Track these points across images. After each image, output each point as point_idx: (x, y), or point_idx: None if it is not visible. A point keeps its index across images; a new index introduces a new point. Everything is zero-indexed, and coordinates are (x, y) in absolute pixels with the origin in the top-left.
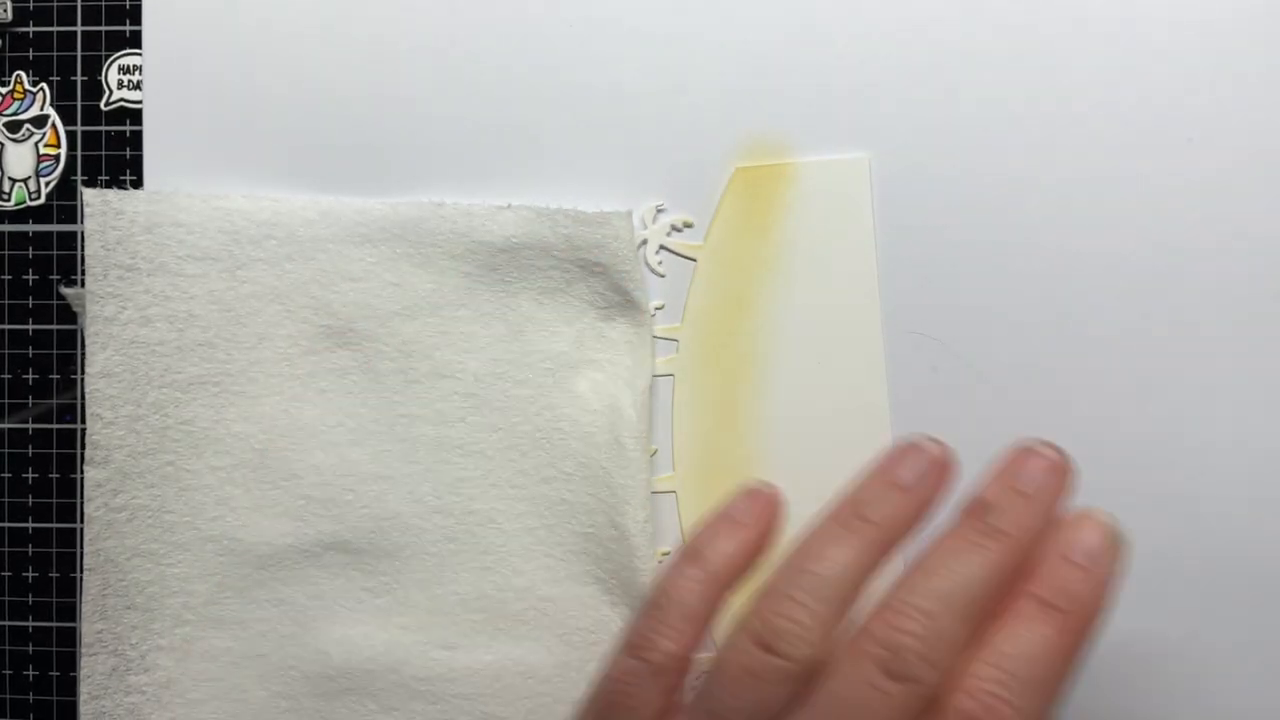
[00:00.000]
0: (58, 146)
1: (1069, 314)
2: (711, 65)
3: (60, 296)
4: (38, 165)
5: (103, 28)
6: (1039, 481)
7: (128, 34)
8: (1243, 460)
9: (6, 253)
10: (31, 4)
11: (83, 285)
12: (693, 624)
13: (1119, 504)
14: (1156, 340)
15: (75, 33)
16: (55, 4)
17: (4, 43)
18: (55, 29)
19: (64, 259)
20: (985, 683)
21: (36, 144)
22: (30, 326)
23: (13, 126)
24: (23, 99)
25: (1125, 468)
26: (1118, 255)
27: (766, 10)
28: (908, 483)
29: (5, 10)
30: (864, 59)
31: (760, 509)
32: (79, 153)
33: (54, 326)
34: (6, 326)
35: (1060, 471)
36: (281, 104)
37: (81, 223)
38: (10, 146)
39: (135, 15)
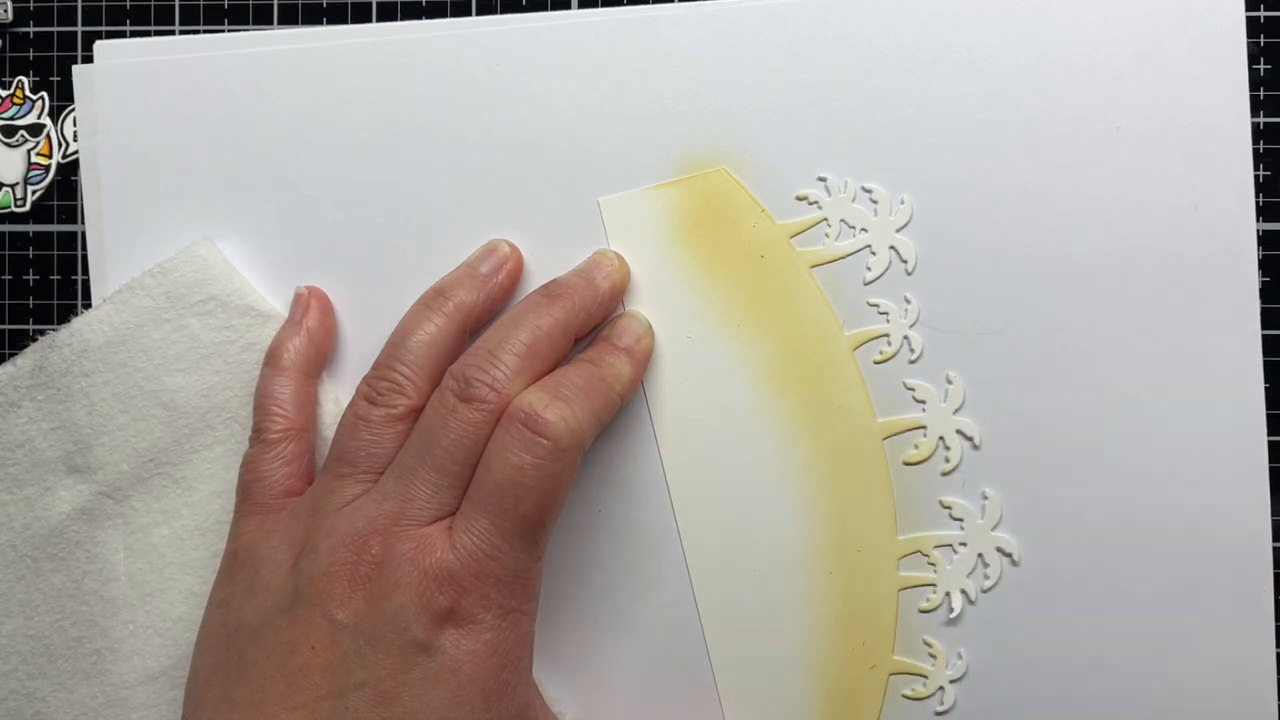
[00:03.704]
0: (49, 157)
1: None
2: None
3: (60, 296)
4: (27, 172)
5: (103, 27)
6: (601, 269)
7: (128, 33)
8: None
9: (7, 253)
10: (32, 4)
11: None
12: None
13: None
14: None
15: (75, 33)
16: (55, 4)
17: (4, 43)
18: (55, 29)
19: (64, 259)
20: (532, 394)
21: (29, 151)
22: (30, 326)
23: (8, 131)
24: (21, 104)
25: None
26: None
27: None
28: (483, 274)
29: (6, 10)
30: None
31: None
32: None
33: (53, 327)
34: (7, 326)
35: (619, 269)
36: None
37: (82, 223)
38: (2, 150)
39: (136, 16)
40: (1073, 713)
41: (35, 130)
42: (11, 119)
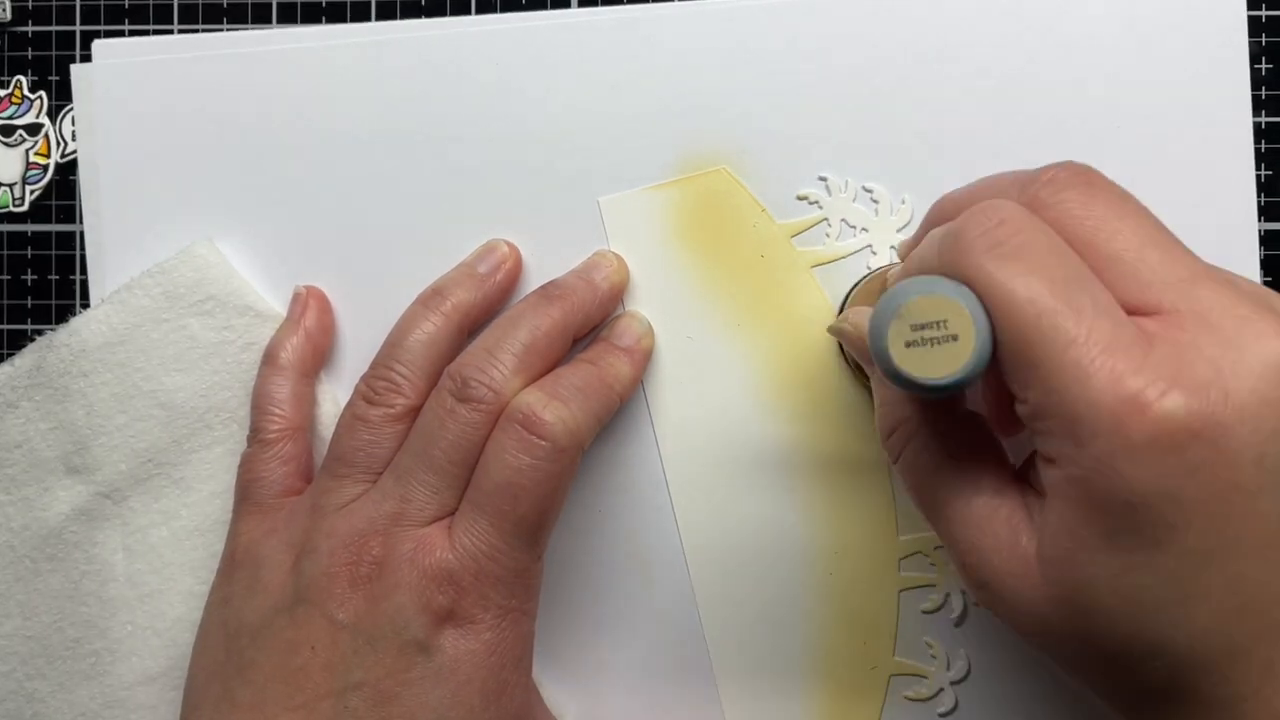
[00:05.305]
0: (48, 156)
1: None
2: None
3: (58, 296)
4: (25, 172)
5: (101, 26)
6: (600, 270)
7: (127, 33)
8: None
9: (5, 253)
10: (30, 3)
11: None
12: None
13: None
14: None
15: (74, 32)
16: (54, 3)
17: (3, 42)
18: (54, 28)
19: (62, 259)
20: (530, 395)
21: (27, 151)
22: (29, 326)
23: (6, 130)
24: (20, 104)
25: None
26: None
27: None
28: (481, 273)
29: (4, 10)
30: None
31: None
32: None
33: (52, 327)
34: (5, 327)
35: (619, 270)
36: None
37: (80, 223)
38: (0, 150)
39: (134, 15)
40: (1075, 715)
41: (33, 130)
42: (10, 118)
